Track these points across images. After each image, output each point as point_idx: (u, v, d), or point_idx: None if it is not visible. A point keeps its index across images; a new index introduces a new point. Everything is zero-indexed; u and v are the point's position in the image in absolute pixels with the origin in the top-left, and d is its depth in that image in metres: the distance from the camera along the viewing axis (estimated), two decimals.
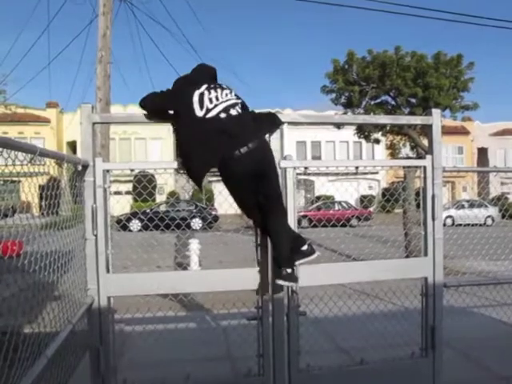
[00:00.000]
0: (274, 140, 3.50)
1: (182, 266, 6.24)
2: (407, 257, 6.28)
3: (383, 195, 31.20)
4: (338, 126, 15.27)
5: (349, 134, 22.46)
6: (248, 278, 3.40)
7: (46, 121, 33.46)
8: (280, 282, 3.05)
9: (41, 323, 2.56)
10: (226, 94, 2.93)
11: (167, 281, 3.27)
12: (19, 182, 2.79)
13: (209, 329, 4.57)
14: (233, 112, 2.87)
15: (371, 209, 27.52)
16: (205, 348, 4.20)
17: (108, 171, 3.35)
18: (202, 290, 3.60)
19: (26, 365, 2.04)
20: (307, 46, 78.05)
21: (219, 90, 2.94)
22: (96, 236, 3.23)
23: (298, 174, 3.60)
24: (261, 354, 3.49)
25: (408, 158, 13.56)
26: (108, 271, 3.30)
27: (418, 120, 4.51)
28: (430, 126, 3.79)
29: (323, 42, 78.19)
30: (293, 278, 3.04)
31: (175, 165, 3.46)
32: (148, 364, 3.89)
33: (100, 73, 10.13)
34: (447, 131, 26.80)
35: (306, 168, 3.65)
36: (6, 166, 2.12)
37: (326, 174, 30.86)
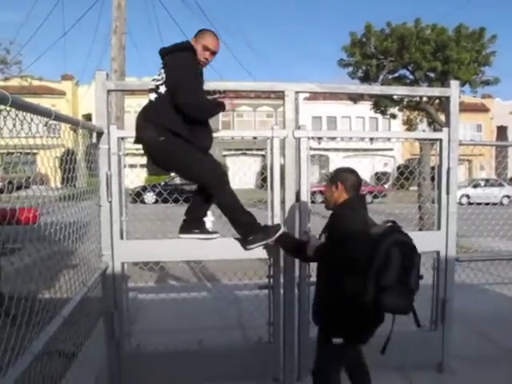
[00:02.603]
0: (288, 111, 3.47)
1: None
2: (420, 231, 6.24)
3: (399, 171, 30.92)
4: (355, 100, 15.08)
5: (365, 109, 22.12)
6: (260, 246, 3.42)
7: (62, 93, 33.48)
8: (251, 246, 3.12)
9: (57, 288, 2.62)
10: (157, 75, 2.91)
11: (180, 248, 3.31)
12: (35, 153, 2.81)
13: (220, 297, 4.63)
14: (150, 96, 2.90)
15: (386, 185, 27.27)
16: (216, 316, 4.27)
17: (123, 139, 3.36)
18: (215, 258, 3.63)
19: (43, 322, 2.10)
20: (324, 20, 76.33)
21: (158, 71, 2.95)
22: (110, 203, 3.27)
23: (312, 148, 3.58)
24: (271, 322, 3.54)
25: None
26: (122, 237, 3.35)
27: (435, 91, 4.42)
28: (447, 98, 3.72)
29: (341, 14, 76.41)
30: (265, 234, 3.09)
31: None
32: (161, 330, 3.98)
33: (115, 44, 10.06)
34: (466, 108, 26.21)
35: (319, 139, 3.62)
36: (26, 137, 2.14)
37: (338, 149, 30.65)
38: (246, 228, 3.11)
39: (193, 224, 3.22)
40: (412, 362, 3.76)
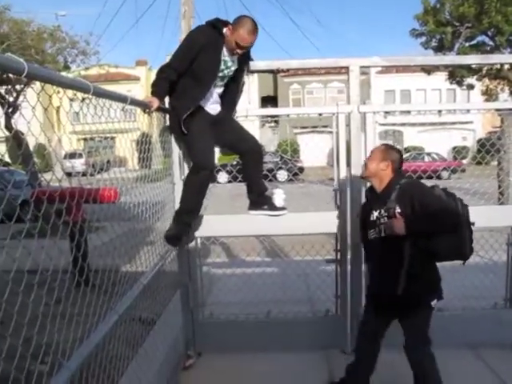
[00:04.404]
0: (353, 86, 3.46)
1: None
2: None
3: (480, 144, 29.14)
4: (428, 71, 14.38)
5: (441, 80, 21.03)
6: (328, 221, 3.50)
7: (136, 79, 34.82)
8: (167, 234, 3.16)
9: (137, 260, 2.87)
10: None
11: (250, 223, 3.44)
12: (113, 138, 3.04)
13: (289, 271, 4.76)
14: None
15: (464, 161, 25.86)
16: (286, 289, 4.41)
17: None
18: (285, 233, 3.76)
19: (125, 288, 2.34)
20: None
21: None
22: (183, 181, 3.46)
23: (382, 124, 3.55)
24: (338, 295, 3.62)
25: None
26: None
27: (510, 58, 4.16)
28: None
29: None
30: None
31: (261, 112, 3.58)
32: (232, 302, 4.18)
33: (184, 27, 10.36)
34: None
35: (386, 113, 3.58)
36: (106, 122, 2.34)
37: (413, 124, 29.42)
38: (176, 219, 3.15)
39: (260, 201, 3.33)
40: (485, 340, 3.67)
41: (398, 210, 2.56)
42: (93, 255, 2.72)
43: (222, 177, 19.34)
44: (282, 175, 16.97)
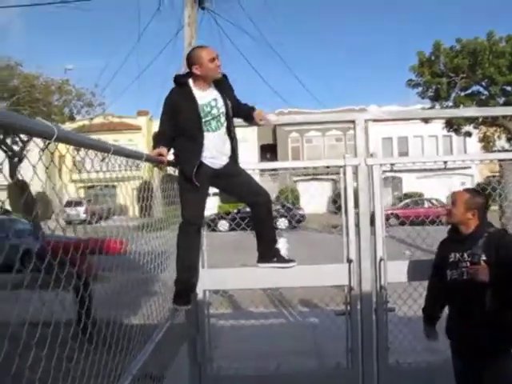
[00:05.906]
0: (359, 139, 3.53)
1: None
2: None
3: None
4: (425, 120, 14.72)
5: (437, 127, 21.45)
6: (337, 273, 3.48)
7: (138, 128, 35.43)
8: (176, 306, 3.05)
9: (145, 314, 2.83)
10: None
11: (259, 276, 3.42)
12: (115, 186, 3.07)
13: (298, 323, 4.69)
14: None
15: None
16: (295, 342, 4.32)
17: None
18: (293, 285, 3.73)
19: (138, 347, 2.30)
20: (391, 38, 75.11)
21: None
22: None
23: (384, 171, 3.61)
24: (350, 348, 3.55)
25: (505, 150, 12.70)
26: (203, 266, 3.53)
27: (509, 111, 4.27)
28: None
29: (408, 33, 75.00)
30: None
31: (261, 166, 3.63)
32: (241, 355, 4.10)
33: None
34: None
35: (392, 165, 3.64)
36: (108, 171, 2.38)
37: (414, 171, 29.72)
38: (177, 279, 3.07)
39: (269, 253, 3.31)
40: None
41: (483, 257, 2.62)
42: (98, 307, 2.69)
43: (223, 225, 19.36)
44: (283, 223, 16.99)
